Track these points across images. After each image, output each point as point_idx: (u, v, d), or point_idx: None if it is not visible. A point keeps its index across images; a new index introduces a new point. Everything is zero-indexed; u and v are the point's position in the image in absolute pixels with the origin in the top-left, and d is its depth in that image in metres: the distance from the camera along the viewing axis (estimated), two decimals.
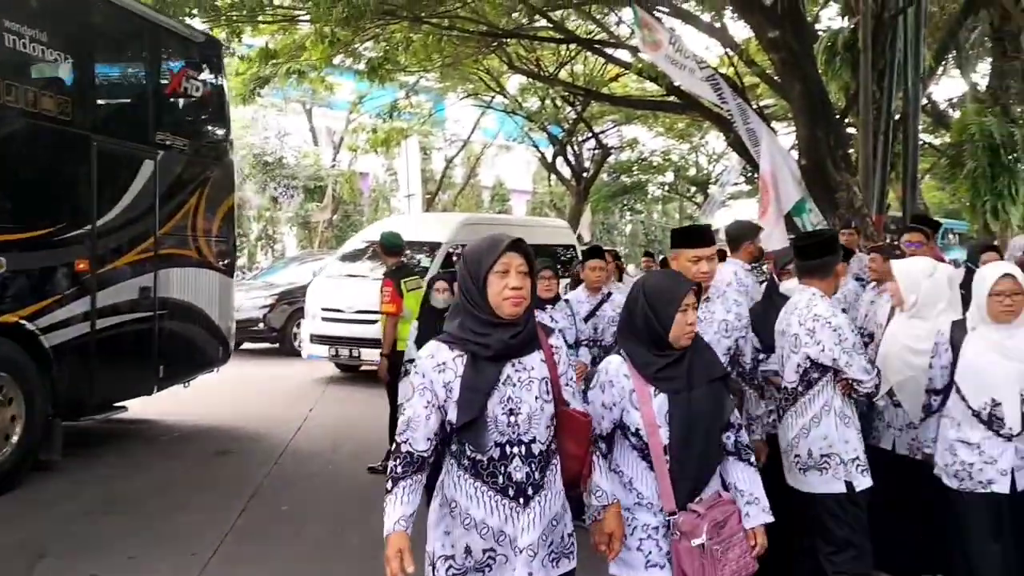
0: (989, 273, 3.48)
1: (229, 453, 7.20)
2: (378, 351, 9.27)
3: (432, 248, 11.07)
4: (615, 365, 2.66)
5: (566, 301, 5.64)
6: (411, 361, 4.92)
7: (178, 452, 7.17)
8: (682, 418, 2.56)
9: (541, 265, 4.86)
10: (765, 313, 3.99)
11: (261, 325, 12.93)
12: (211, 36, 9.12)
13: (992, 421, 3.40)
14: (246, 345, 13.50)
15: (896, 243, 6.03)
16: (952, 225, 19.19)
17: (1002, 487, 3.37)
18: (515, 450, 2.31)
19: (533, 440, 2.32)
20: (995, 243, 9.60)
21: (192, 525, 5.24)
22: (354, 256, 11.83)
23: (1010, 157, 11.21)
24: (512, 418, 2.29)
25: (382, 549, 2.33)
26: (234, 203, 8.69)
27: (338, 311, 10.56)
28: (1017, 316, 3.39)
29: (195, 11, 10.97)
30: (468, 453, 2.32)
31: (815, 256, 3.64)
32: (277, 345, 13.20)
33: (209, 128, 8.43)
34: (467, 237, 11.05)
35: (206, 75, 8.15)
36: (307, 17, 11.33)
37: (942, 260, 7.88)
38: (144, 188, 7.10)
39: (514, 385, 2.31)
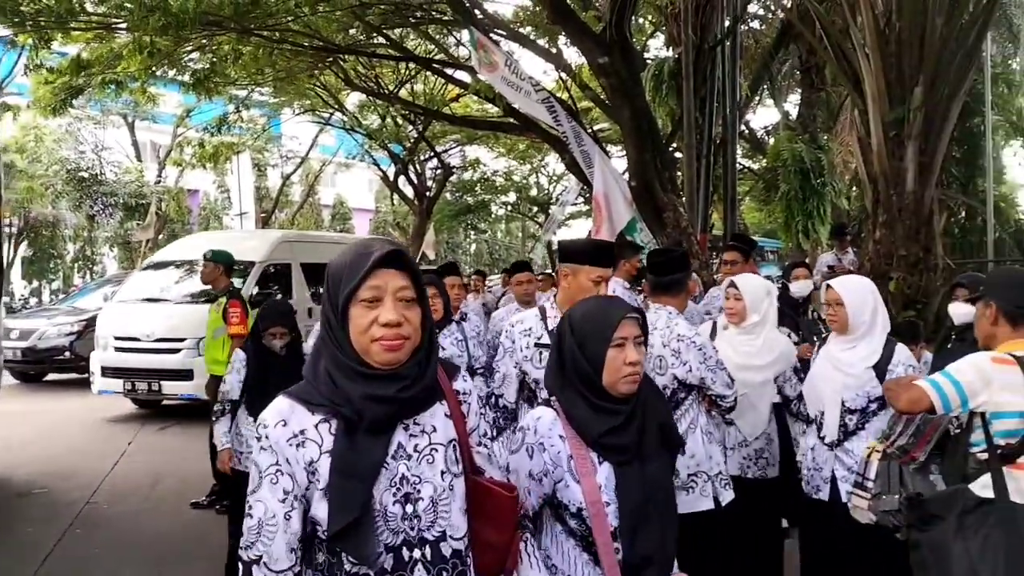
0: (827, 286, 3.62)
1: (31, 495, 6.54)
2: (182, 383, 9.00)
3: (245, 268, 10.14)
4: (547, 422, 2.02)
5: (459, 321, 4.84)
6: (232, 403, 4.41)
7: None
8: (635, 496, 1.97)
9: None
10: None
11: (67, 354, 11.99)
12: None
13: (820, 428, 3.52)
14: (52, 376, 12.63)
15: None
16: (766, 243, 20.54)
17: (824, 495, 3.44)
18: (416, 553, 1.63)
19: (442, 536, 1.65)
20: (806, 260, 10.34)
21: None
22: (151, 279, 10.77)
23: (818, 181, 12.10)
24: (409, 507, 1.63)
25: None
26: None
27: (134, 339, 9.56)
28: (842, 326, 3.44)
29: None
30: (347, 567, 1.60)
31: (667, 273, 3.68)
32: (87, 375, 12.17)
33: None
34: (284, 256, 10.73)
35: None
36: (124, 25, 10.59)
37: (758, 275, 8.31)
38: None
39: (409, 458, 1.65)
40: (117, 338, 9.69)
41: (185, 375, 9.18)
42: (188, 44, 11.41)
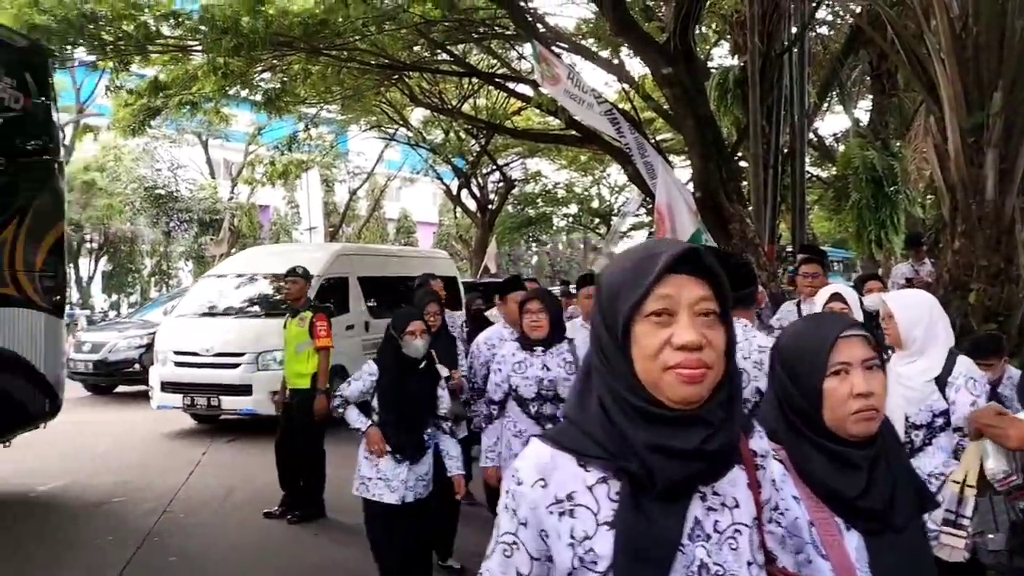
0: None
1: (110, 504, 6.75)
2: (241, 398, 9.09)
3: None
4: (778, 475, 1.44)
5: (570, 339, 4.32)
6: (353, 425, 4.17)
7: (50, 507, 6.68)
8: (896, 574, 1.53)
9: (530, 296, 4.40)
10: None
11: (137, 366, 11.98)
12: (36, 42, 8.10)
13: None
14: (122, 388, 12.82)
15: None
16: (833, 253, 20.04)
17: None
18: None
19: None
20: (878, 271, 10.05)
21: None
22: (210, 292, 10.71)
23: (891, 188, 11.76)
24: None
25: None
26: (64, 233, 7.43)
27: (194, 354, 9.48)
28: (895, 341, 3.30)
29: (80, 43, 10.51)
30: None
31: (739, 288, 3.63)
32: None
33: (31, 146, 7.16)
34: (341, 270, 10.59)
35: (27, 85, 7.00)
36: (199, 47, 10.98)
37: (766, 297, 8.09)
38: None
39: (707, 539, 1.23)
40: (176, 352, 9.64)
41: (244, 390, 9.17)
42: (259, 64, 11.76)
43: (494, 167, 25.13)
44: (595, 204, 32.05)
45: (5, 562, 5.28)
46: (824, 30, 15.03)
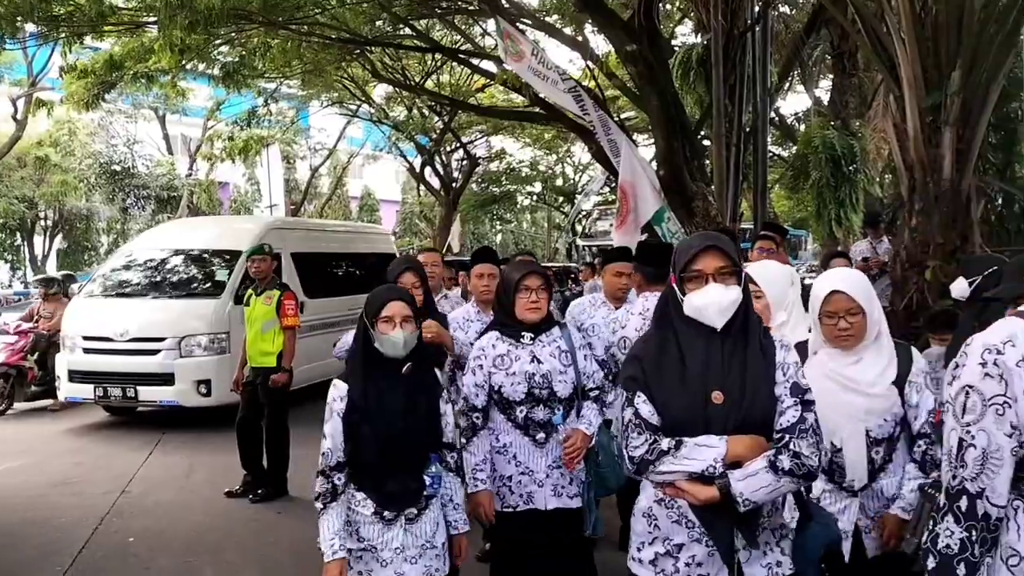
0: (819, 287, 2.75)
1: (66, 484, 6.64)
2: (161, 388, 8.42)
3: (231, 258, 9.21)
4: None
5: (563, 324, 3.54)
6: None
7: (2, 487, 6.54)
8: None
9: (528, 269, 3.38)
10: None
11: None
12: None
13: (833, 471, 2.73)
14: None
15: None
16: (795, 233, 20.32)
17: (843, 550, 2.69)
18: None
19: None
20: (839, 249, 10.20)
21: (22, 564, 4.76)
22: (126, 270, 9.66)
23: (850, 168, 11.88)
24: None
25: None
26: None
27: (106, 340, 8.59)
28: (858, 340, 2.69)
29: (30, 19, 10.15)
30: None
31: (663, 264, 3.65)
32: None
33: None
34: (277, 244, 9.02)
35: None
36: (154, 21, 10.68)
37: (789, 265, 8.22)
38: None
39: None
40: (85, 338, 8.74)
41: (165, 379, 8.43)
42: (217, 39, 11.48)
43: (458, 145, 24.98)
44: (559, 183, 32.08)
45: None
46: (786, 9, 15.12)
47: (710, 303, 2.10)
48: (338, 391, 2.74)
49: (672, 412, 2.12)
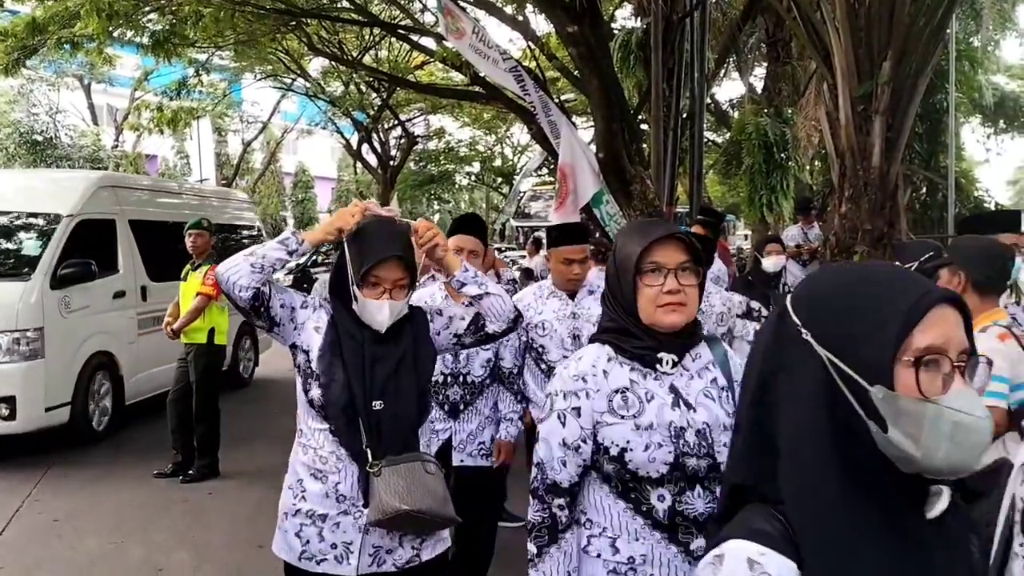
0: None
1: None
2: None
3: (48, 223, 7.09)
4: None
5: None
6: None
7: None
8: None
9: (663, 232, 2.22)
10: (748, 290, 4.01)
11: None
12: None
13: None
14: None
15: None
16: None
17: None
18: None
19: None
20: (769, 233, 10.44)
21: None
22: None
23: (782, 155, 12.16)
24: None
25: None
26: None
27: None
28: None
29: None
30: None
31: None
32: None
33: None
34: (104, 209, 7.60)
35: None
36: None
37: (727, 250, 8.41)
38: None
39: None
40: None
41: None
42: (147, 5, 11.06)
43: (396, 122, 24.66)
44: (498, 163, 31.99)
45: None
46: None
47: None
48: (324, 310, 2.36)
49: None
